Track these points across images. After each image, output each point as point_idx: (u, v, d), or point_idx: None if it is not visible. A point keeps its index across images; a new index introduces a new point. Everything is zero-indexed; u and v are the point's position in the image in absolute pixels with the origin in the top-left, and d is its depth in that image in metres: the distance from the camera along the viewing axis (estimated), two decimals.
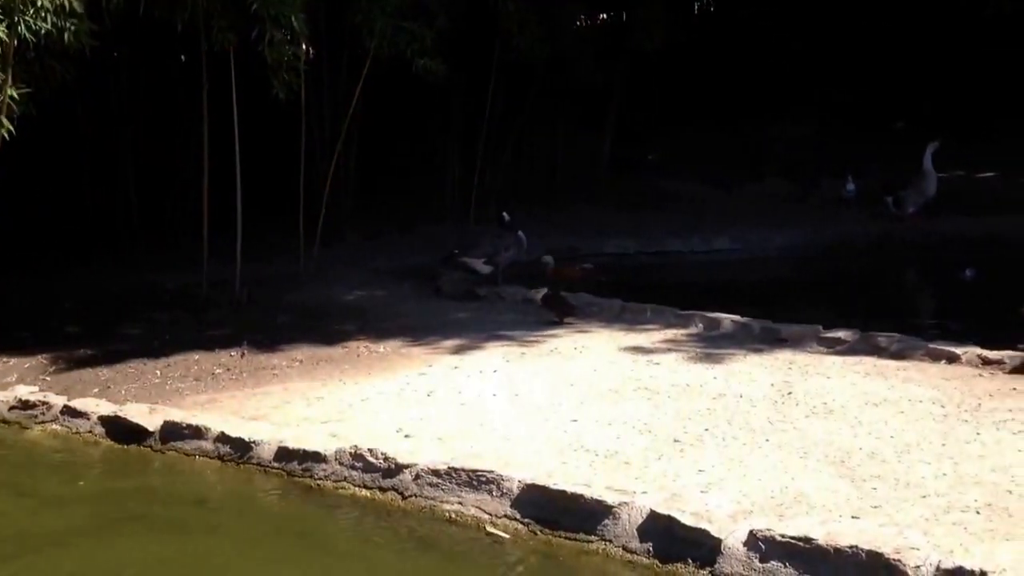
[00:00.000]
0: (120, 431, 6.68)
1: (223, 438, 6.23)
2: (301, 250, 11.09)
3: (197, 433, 6.36)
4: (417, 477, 5.43)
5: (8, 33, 7.21)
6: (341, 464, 5.71)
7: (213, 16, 9.26)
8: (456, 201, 14.46)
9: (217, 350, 8.27)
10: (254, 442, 6.09)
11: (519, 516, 5.04)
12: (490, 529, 5.05)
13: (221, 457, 6.19)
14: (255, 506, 5.70)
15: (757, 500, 4.82)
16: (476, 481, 5.24)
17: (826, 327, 7.67)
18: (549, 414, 6.24)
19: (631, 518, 4.74)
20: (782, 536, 4.33)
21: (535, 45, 12.80)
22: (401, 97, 13.95)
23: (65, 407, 7.06)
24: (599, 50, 15.26)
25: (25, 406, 7.24)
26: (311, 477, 5.78)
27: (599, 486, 4.97)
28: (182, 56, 13.03)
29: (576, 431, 5.91)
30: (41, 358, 8.43)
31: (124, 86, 13.12)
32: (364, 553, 5.07)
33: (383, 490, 5.50)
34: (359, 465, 5.64)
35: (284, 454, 5.95)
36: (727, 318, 8.19)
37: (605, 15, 17.94)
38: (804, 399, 6.26)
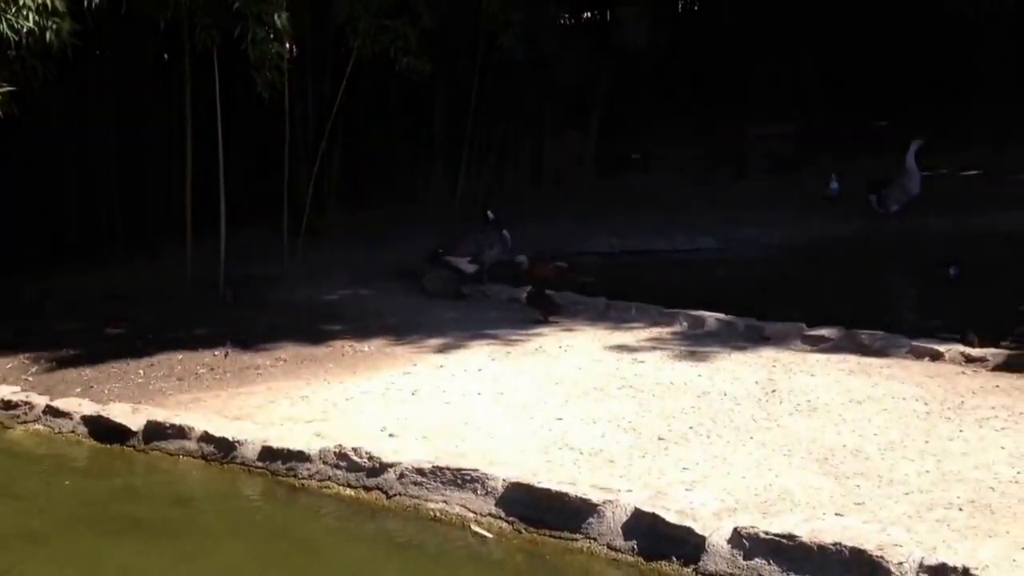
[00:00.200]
0: (103, 431, 6.65)
1: (207, 438, 6.21)
2: (285, 249, 11.08)
3: (180, 433, 6.34)
4: (401, 476, 5.43)
5: None
6: (325, 463, 5.71)
7: (196, 14, 9.25)
8: (441, 200, 14.45)
9: (201, 350, 8.24)
10: (238, 442, 6.07)
11: (504, 515, 5.04)
12: (475, 528, 5.05)
13: (205, 457, 6.18)
14: (239, 506, 5.69)
15: (741, 498, 4.83)
16: (461, 480, 5.24)
17: (810, 325, 7.67)
18: (534, 412, 6.24)
19: (616, 516, 4.75)
20: (766, 533, 4.35)
21: (519, 44, 12.81)
22: (386, 96, 13.93)
23: (48, 407, 7.02)
24: (583, 49, 15.28)
25: (7, 406, 7.21)
26: (295, 476, 5.77)
27: (584, 484, 4.98)
28: (165, 55, 12.97)
29: (561, 429, 5.92)
30: (23, 358, 8.38)
31: (106, 84, 13.04)
32: (348, 552, 5.07)
33: (367, 489, 5.50)
34: (343, 464, 5.64)
35: (268, 454, 5.93)
36: (711, 316, 8.19)
37: (589, 14, 17.95)
38: (788, 397, 6.27)
